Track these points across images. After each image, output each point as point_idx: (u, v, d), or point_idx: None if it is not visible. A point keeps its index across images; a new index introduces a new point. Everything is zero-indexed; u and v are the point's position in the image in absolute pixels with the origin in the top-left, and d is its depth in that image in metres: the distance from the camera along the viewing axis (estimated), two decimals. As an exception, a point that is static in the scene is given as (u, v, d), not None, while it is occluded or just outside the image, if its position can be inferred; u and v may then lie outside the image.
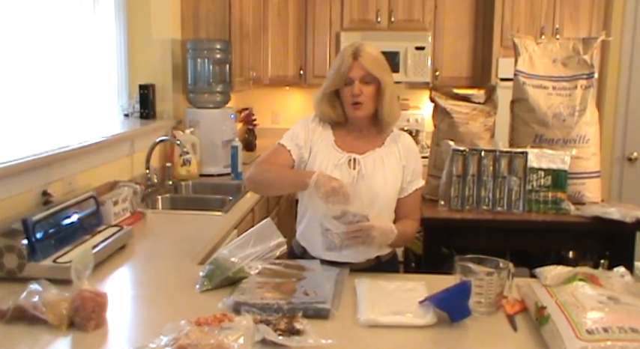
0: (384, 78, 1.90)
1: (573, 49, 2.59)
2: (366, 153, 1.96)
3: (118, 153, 2.91)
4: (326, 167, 1.94)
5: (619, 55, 4.57)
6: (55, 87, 2.78)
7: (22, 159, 2.10)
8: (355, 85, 1.90)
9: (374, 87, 1.91)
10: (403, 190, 1.99)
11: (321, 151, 1.97)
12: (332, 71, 1.95)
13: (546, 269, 1.72)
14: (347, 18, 4.84)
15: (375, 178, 1.93)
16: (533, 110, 2.52)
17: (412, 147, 2.04)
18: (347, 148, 1.97)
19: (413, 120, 5.09)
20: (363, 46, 1.93)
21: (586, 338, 1.30)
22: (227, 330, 1.34)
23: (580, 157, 2.46)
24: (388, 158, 1.97)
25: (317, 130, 2.01)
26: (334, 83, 1.94)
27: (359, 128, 2.00)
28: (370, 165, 1.95)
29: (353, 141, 1.99)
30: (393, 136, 2.02)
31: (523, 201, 2.38)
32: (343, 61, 1.90)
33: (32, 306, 1.47)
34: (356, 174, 1.93)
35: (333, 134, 2.00)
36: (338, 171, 1.93)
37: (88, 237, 2.03)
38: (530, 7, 4.57)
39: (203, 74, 3.60)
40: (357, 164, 1.95)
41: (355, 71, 1.89)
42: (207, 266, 1.77)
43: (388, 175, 1.95)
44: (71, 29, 2.90)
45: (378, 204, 1.91)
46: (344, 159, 1.95)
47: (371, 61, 1.90)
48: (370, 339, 1.44)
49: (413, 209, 2.02)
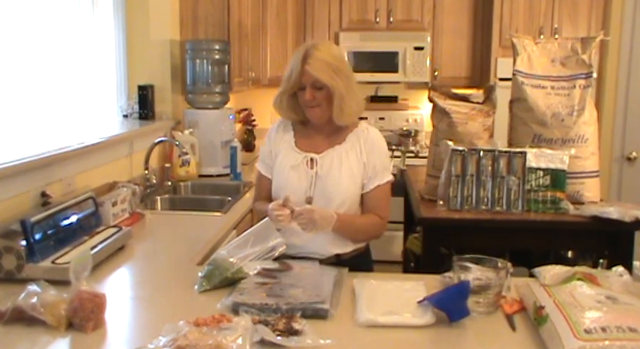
0: (333, 84, 1.88)
1: (572, 49, 2.58)
2: (325, 151, 1.98)
3: (116, 153, 2.91)
4: (283, 169, 1.98)
5: (618, 54, 4.58)
6: (53, 88, 2.78)
7: (21, 160, 2.10)
8: (307, 90, 1.90)
9: (327, 91, 1.90)
10: (365, 186, 1.98)
11: (281, 154, 2.01)
12: (286, 75, 1.94)
13: (545, 269, 1.72)
14: (346, 18, 4.84)
15: (332, 176, 1.94)
16: (531, 110, 2.52)
17: (377, 142, 2.01)
18: (306, 148, 2.00)
19: (412, 121, 5.09)
20: (314, 50, 1.90)
21: (584, 337, 1.30)
22: (225, 331, 1.34)
23: (579, 157, 2.46)
24: (347, 155, 1.97)
25: (278, 136, 2.05)
26: (289, 88, 1.94)
27: (320, 127, 2.01)
28: (327, 164, 1.96)
29: (313, 141, 2.01)
30: (356, 132, 2.00)
31: (522, 200, 2.38)
32: (294, 67, 1.90)
33: (31, 307, 1.47)
34: (314, 174, 1.95)
35: (294, 135, 2.03)
36: (295, 172, 1.96)
37: (87, 237, 2.03)
38: (528, 7, 4.57)
39: (202, 75, 3.60)
40: (314, 163, 1.96)
41: (306, 77, 1.89)
42: (206, 266, 1.77)
43: (346, 173, 1.95)
44: (70, 30, 2.89)
45: (336, 201, 1.93)
46: (301, 160, 1.97)
47: (319, 67, 1.87)
48: (369, 339, 1.44)
49: (376, 205, 1.99)
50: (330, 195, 1.93)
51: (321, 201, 1.93)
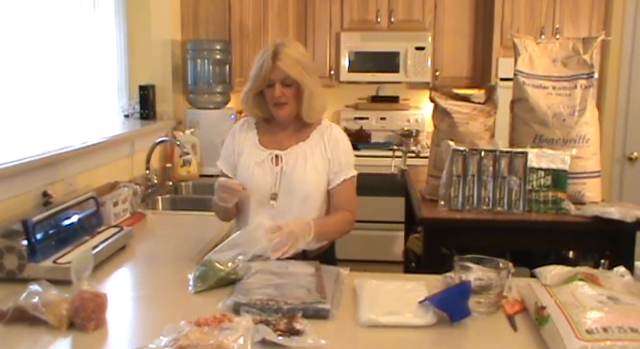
0: (303, 80, 1.92)
1: (573, 49, 2.58)
2: (289, 148, 2.01)
3: (118, 153, 2.91)
4: (248, 166, 2.01)
5: (619, 54, 4.57)
6: (55, 88, 2.78)
7: (22, 159, 2.11)
8: (276, 87, 1.92)
9: (296, 88, 1.93)
10: (331, 181, 2.01)
11: (245, 152, 2.04)
12: (254, 72, 1.96)
13: (546, 269, 1.72)
14: (347, 18, 4.84)
15: (297, 172, 1.97)
16: (533, 110, 2.51)
17: (340, 138, 2.04)
18: (271, 145, 2.02)
19: (413, 121, 5.09)
20: (284, 46, 1.93)
21: (586, 337, 1.30)
22: (227, 331, 1.34)
23: (580, 157, 2.46)
24: (312, 151, 2.00)
25: (242, 134, 2.07)
26: (257, 85, 1.96)
27: (284, 125, 2.04)
28: (292, 160, 1.98)
29: (277, 138, 2.03)
30: (320, 129, 2.04)
31: (523, 201, 2.38)
32: (264, 63, 1.92)
33: (32, 307, 1.47)
34: (279, 171, 1.97)
35: (257, 133, 2.06)
36: (260, 169, 1.99)
37: (88, 237, 2.03)
38: (530, 7, 4.57)
39: (203, 75, 3.61)
40: (279, 160, 1.99)
41: (275, 73, 1.91)
42: (199, 267, 1.77)
43: (311, 169, 1.97)
44: (71, 30, 2.90)
45: (300, 196, 1.95)
46: (266, 157, 2.00)
47: (290, 63, 1.91)
48: (370, 339, 1.44)
49: (344, 200, 2.02)
50: (295, 190, 1.96)
51: (286, 197, 1.97)
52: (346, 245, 5.15)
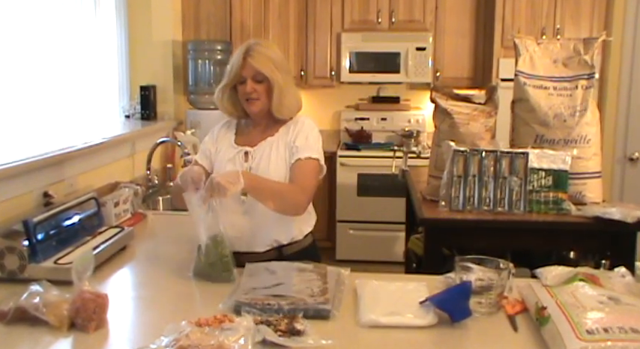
0: (273, 76, 1.98)
1: (574, 50, 2.58)
2: (258, 144, 2.05)
3: (119, 154, 2.92)
4: (221, 162, 2.06)
5: (620, 55, 4.57)
6: (56, 89, 2.79)
7: (23, 160, 2.11)
8: (248, 83, 1.99)
9: (267, 84, 2.00)
10: (288, 163, 2.02)
11: (221, 150, 2.10)
12: (227, 69, 2.05)
13: (547, 270, 1.72)
14: (348, 19, 4.84)
15: (262, 167, 2.00)
16: (533, 110, 2.51)
17: (305, 125, 2.06)
18: (243, 143, 2.08)
19: (414, 121, 5.09)
20: (257, 45, 2.02)
21: (586, 338, 1.30)
22: (227, 331, 1.35)
23: (581, 157, 2.46)
24: (277, 145, 2.03)
25: (221, 133, 2.14)
26: (229, 81, 2.04)
27: (257, 122, 2.09)
28: (259, 156, 2.03)
29: (249, 136, 2.09)
30: (289, 124, 2.07)
31: (524, 201, 2.38)
32: (236, 60, 2.00)
33: (33, 307, 1.47)
34: (248, 167, 2.02)
35: (235, 133, 2.12)
36: (231, 165, 2.04)
37: (89, 238, 2.04)
38: (530, 7, 4.57)
39: (204, 75, 3.61)
40: (249, 157, 2.04)
41: (247, 70, 1.99)
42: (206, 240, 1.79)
43: (274, 161, 2.01)
44: (72, 31, 2.90)
45: None
46: (236, 153, 2.05)
47: (261, 60, 1.98)
48: (371, 340, 1.44)
49: (294, 176, 1.97)
50: None
51: None
52: (347, 245, 5.17)
